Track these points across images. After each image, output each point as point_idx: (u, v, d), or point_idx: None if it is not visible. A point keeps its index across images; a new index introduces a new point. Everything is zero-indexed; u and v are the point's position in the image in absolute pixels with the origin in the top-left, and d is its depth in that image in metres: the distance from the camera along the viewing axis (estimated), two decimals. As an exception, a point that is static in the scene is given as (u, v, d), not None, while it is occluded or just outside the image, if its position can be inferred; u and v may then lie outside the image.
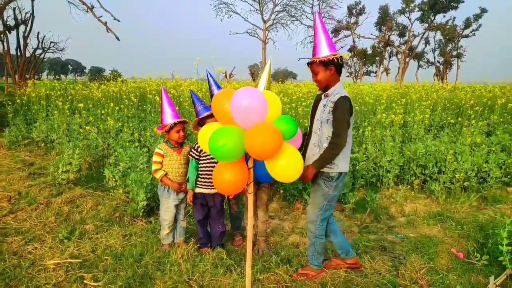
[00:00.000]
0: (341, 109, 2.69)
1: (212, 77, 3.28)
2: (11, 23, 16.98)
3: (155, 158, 3.35)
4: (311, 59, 2.77)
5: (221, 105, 2.48)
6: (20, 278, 2.91)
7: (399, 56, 36.22)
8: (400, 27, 36.08)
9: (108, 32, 13.37)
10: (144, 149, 5.66)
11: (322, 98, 2.88)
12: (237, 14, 33.64)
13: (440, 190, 4.89)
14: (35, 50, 18.40)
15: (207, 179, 3.29)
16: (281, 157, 2.41)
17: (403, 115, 7.62)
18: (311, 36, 33.10)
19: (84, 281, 2.91)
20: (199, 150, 3.28)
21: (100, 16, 13.33)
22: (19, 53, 17.34)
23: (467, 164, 5.11)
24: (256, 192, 3.40)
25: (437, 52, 36.64)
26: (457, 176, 4.90)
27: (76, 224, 3.93)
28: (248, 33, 34.30)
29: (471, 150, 5.82)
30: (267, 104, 2.40)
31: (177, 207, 3.46)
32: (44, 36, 18.62)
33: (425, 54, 37.86)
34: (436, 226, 4.14)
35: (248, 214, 2.74)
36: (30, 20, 17.12)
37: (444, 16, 33.32)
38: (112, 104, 7.33)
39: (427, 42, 36.48)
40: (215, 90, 3.22)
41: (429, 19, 33.05)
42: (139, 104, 8.54)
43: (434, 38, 36.02)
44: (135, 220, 4.10)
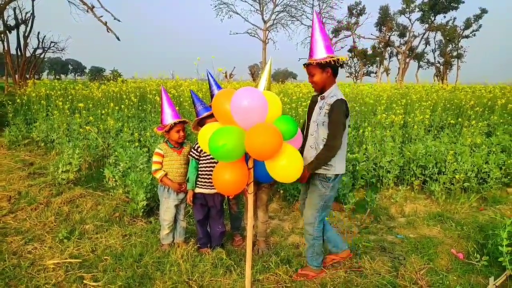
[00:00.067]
0: (337, 111, 2.69)
1: (212, 77, 3.28)
2: (12, 23, 16.98)
3: (155, 158, 3.35)
4: (308, 60, 2.77)
5: (221, 105, 2.49)
6: (19, 278, 2.91)
7: (399, 56, 36.23)
8: (401, 27, 36.11)
9: (108, 32, 13.35)
10: (144, 149, 5.66)
11: (318, 100, 2.88)
12: (237, 14, 33.60)
13: (440, 191, 4.89)
14: (35, 50, 18.40)
15: (207, 179, 3.29)
16: (281, 157, 2.42)
17: (403, 115, 7.62)
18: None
19: (84, 281, 2.91)
20: (199, 150, 3.28)
21: (101, 16, 13.32)
22: (19, 53, 17.34)
23: (467, 165, 5.11)
24: (256, 193, 3.40)
25: (437, 52, 36.67)
26: (457, 176, 4.89)
27: (76, 224, 3.92)
28: (248, 33, 34.27)
29: (471, 151, 5.82)
30: (267, 104, 2.40)
31: (177, 207, 3.46)
32: (45, 36, 18.64)
33: (425, 55, 37.88)
34: (436, 226, 4.14)
35: (248, 214, 2.74)
36: (31, 20, 17.12)
37: (444, 16, 33.41)
38: (112, 104, 7.33)
39: (427, 43, 36.51)
40: (215, 90, 3.22)
41: (429, 20, 33.06)
42: (139, 104, 8.54)
43: (434, 39, 36.09)
44: (135, 220, 4.10)
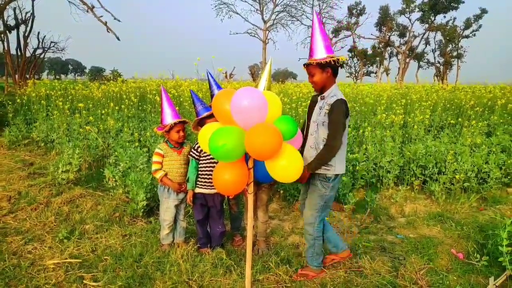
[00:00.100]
0: (337, 111, 2.69)
1: (212, 77, 3.28)
2: (12, 23, 16.95)
3: (155, 158, 3.35)
4: (308, 60, 2.77)
5: (221, 105, 2.48)
6: (19, 278, 2.91)
7: (399, 56, 36.22)
8: (401, 27, 36.10)
9: (108, 32, 13.34)
10: (144, 149, 5.66)
11: (318, 100, 2.87)
12: (237, 14, 33.57)
13: (440, 191, 4.89)
14: (35, 50, 18.37)
15: (207, 179, 3.29)
16: (281, 157, 2.42)
17: (403, 115, 7.61)
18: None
19: (84, 281, 2.91)
20: (199, 150, 3.28)
21: (101, 16, 13.30)
22: (19, 53, 17.31)
23: (467, 165, 5.11)
24: (256, 193, 3.40)
25: (437, 52, 36.66)
26: (457, 176, 4.89)
27: (76, 224, 3.92)
28: (248, 33, 34.24)
29: (471, 151, 5.82)
30: (267, 104, 2.40)
31: (177, 207, 3.46)
32: (45, 36, 18.60)
33: (425, 55, 37.86)
34: (436, 226, 4.14)
35: (248, 214, 2.73)
36: (31, 20, 17.09)
37: (444, 16, 33.39)
38: (112, 104, 7.33)
39: (427, 43, 36.50)
40: (215, 90, 3.22)
41: (429, 20, 33.06)
42: (139, 104, 8.54)
43: (434, 39, 36.08)
44: (135, 220, 4.10)
